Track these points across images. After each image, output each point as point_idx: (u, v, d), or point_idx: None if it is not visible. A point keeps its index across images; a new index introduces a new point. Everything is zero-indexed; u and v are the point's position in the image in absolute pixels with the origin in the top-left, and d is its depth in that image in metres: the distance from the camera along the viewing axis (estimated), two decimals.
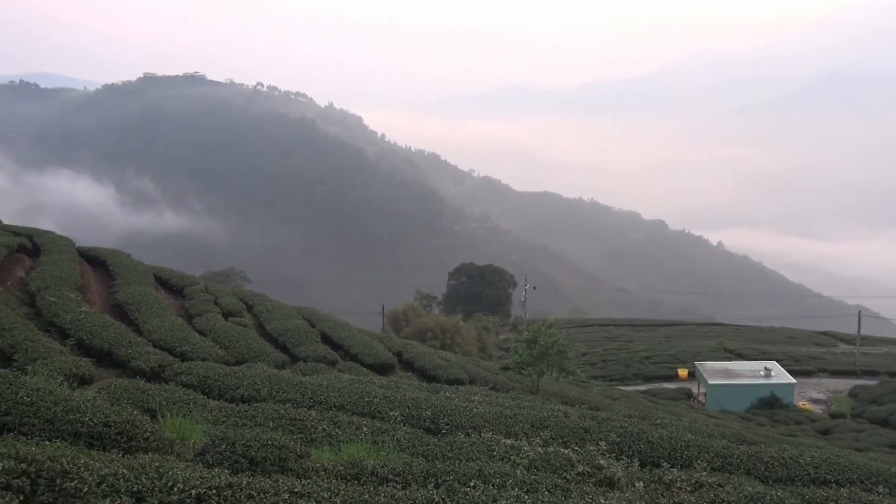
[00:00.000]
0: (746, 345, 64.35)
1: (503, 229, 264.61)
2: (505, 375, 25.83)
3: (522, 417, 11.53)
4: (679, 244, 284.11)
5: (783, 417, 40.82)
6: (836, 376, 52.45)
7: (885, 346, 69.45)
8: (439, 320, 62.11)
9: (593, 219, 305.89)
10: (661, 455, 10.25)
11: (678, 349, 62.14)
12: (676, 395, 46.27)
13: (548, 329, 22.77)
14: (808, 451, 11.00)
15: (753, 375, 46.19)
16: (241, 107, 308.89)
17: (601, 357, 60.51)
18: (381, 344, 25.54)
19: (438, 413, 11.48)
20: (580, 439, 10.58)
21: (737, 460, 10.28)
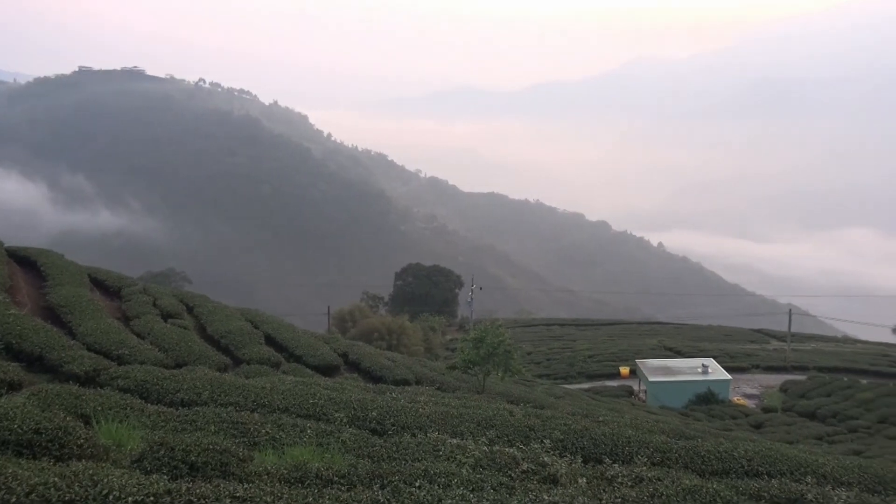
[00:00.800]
0: (685, 343, 66.29)
1: (450, 230, 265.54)
2: (451, 375, 25.92)
3: (468, 417, 11.60)
4: (622, 245, 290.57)
5: (719, 412, 42.20)
6: (768, 372, 54.54)
7: (813, 343, 72.62)
8: (386, 321, 61.91)
9: (539, 220, 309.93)
10: (603, 451, 10.47)
11: (620, 348, 63.53)
12: (618, 392, 47.30)
13: (494, 329, 22.96)
14: (741, 445, 11.41)
15: (691, 372, 47.61)
16: (183, 103, 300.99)
17: (546, 356, 61.34)
18: (327, 345, 25.29)
19: (384, 414, 11.44)
20: (525, 438, 10.70)
21: (675, 455, 10.58)
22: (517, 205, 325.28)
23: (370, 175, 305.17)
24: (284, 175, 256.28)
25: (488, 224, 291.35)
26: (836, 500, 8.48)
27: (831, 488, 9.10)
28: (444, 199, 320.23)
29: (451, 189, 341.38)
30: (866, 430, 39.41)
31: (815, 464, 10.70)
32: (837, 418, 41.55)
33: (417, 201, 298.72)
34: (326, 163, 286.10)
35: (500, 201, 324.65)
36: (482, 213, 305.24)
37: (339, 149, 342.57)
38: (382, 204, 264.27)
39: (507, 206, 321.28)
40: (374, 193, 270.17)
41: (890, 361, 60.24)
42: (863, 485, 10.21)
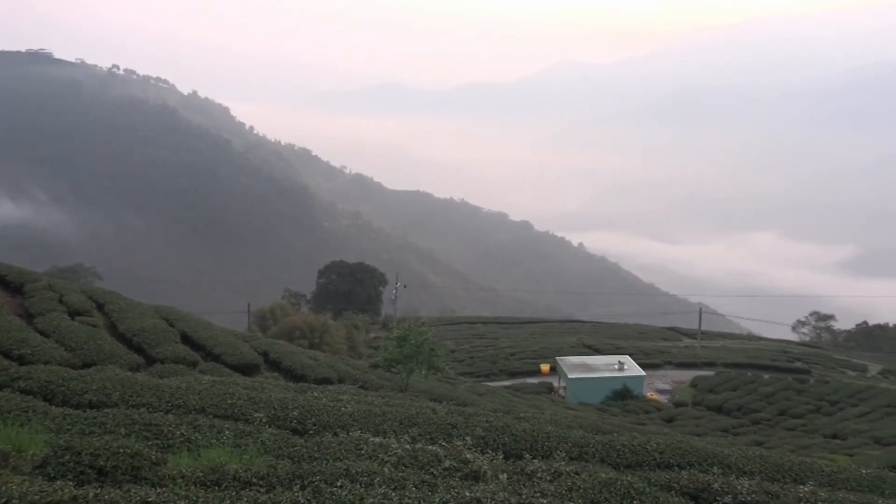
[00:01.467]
0: (603, 340, 68.37)
1: (375, 227, 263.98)
2: (375, 373, 25.81)
3: (391, 415, 11.57)
4: (544, 245, 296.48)
5: (634, 407, 43.79)
6: (679, 368, 56.95)
7: (721, 340, 76.34)
8: (308, 319, 60.96)
9: (463, 218, 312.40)
10: (523, 447, 10.66)
11: (541, 345, 64.88)
12: (539, 389, 48.32)
13: (418, 327, 23.01)
14: (654, 438, 11.86)
15: (608, 369, 49.19)
16: (94, 90, 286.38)
17: (469, 354, 61.94)
18: (247, 344, 24.69)
19: (306, 413, 11.26)
20: (448, 435, 10.77)
21: (592, 449, 10.90)
22: (442, 203, 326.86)
23: (294, 170, 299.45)
24: (203, 168, 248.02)
25: (413, 222, 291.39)
26: (740, 488, 8.95)
27: (735, 477, 9.60)
28: (369, 196, 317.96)
29: (377, 186, 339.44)
30: (767, 422, 41.82)
31: (721, 455, 11.25)
32: (742, 411, 43.88)
33: (342, 198, 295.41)
34: (248, 156, 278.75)
35: (425, 199, 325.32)
36: (407, 211, 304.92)
37: (262, 142, 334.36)
38: (306, 200, 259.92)
39: (432, 204, 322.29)
40: (298, 189, 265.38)
41: (789, 357, 64.10)
42: (764, 473, 10.81)
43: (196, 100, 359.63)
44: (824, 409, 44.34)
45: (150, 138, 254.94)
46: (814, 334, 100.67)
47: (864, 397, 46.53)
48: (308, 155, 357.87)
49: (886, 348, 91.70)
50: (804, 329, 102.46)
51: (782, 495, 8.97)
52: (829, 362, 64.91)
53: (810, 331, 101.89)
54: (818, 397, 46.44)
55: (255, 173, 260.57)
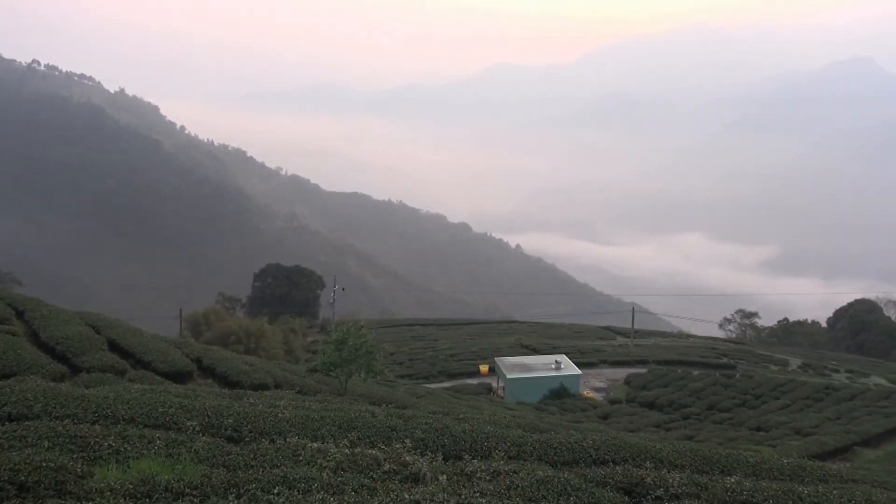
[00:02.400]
0: (540, 340, 69.43)
1: (312, 229, 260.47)
2: (312, 378, 25.45)
3: (329, 420, 11.43)
4: (482, 246, 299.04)
5: (571, 406, 44.61)
6: (614, 366, 58.35)
7: (653, 339, 78.64)
8: (243, 323, 59.54)
9: (402, 220, 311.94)
10: (463, 448, 10.72)
11: (480, 346, 65.36)
12: (478, 390, 48.63)
13: (357, 330, 22.82)
14: (590, 436, 12.12)
15: (546, 368, 49.93)
16: (12, 86, 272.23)
17: (408, 356, 61.84)
18: (179, 350, 23.96)
19: (241, 420, 11.00)
20: (387, 438, 10.72)
21: (530, 448, 11.05)
22: (380, 205, 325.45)
23: (227, 171, 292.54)
24: (131, 169, 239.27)
25: (351, 224, 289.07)
26: (671, 481, 9.25)
27: (667, 471, 9.91)
28: (305, 198, 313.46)
29: (314, 188, 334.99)
30: (697, 416, 43.33)
31: (654, 450, 11.59)
32: (673, 407, 45.31)
33: (278, 199, 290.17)
34: (179, 157, 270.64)
35: (363, 201, 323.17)
36: (345, 213, 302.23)
37: (194, 143, 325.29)
38: (240, 202, 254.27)
39: (370, 206, 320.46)
40: (232, 191, 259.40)
41: (717, 353, 66.61)
42: (693, 466, 11.20)
43: (124, 98, 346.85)
44: (749, 402, 46.26)
45: (74, 138, 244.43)
46: (739, 331, 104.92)
47: (785, 390, 48.81)
48: (242, 156, 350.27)
49: (805, 343, 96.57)
50: (730, 326, 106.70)
51: (711, 487, 9.32)
52: (754, 357, 67.77)
53: (736, 328, 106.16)
54: (743, 391, 48.43)
55: (186, 174, 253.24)
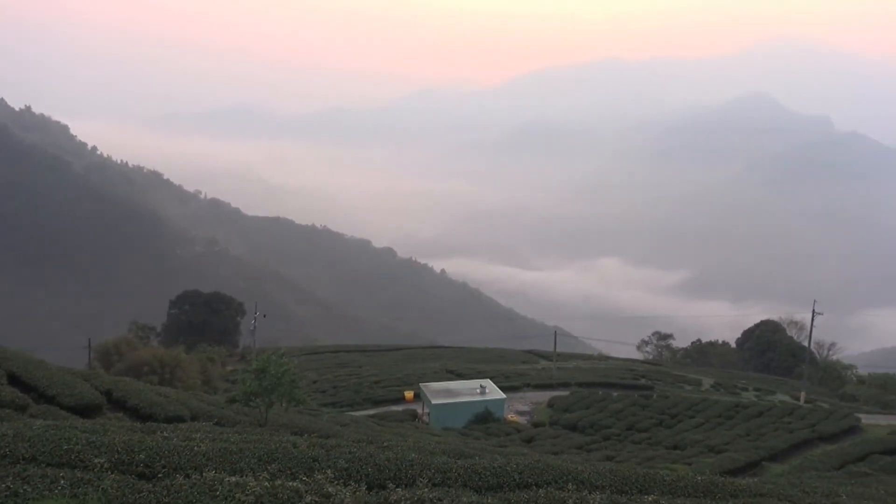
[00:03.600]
0: (465, 365, 69.69)
1: (232, 255, 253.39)
2: (231, 409, 24.61)
3: (249, 452, 11.07)
4: (407, 271, 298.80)
5: (495, 430, 44.81)
6: (537, 389, 59.16)
7: (575, 361, 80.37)
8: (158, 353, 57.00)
9: (326, 245, 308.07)
10: (387, 476, 10.60)
11: (405, 372, 64.98)
12: (403, 416, 48.20)
13: (278, 358, 22.27)
14: (514, 460, 12.24)
15: (471, 393, 50.07)
16: None
17: (332, 384, 60.76)
18: (87, 382, 22.71)
19: (154, 455, 10.50)
20: (309, 469, 10.48)
21: (455, 474, 11.03)
22: (303, 230, 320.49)
23: (142, 194, 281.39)
24: (38, 190, 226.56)
25: (273, 249, 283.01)
26: (592, 502, 9.43)
27: (588, 492, 10.11)
28: (226, 223, 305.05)
29: (234, 212, 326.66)
30: (617, 437, 44.37)
31: (575, 471, 11.81)
32: (594, 428, 46.24)
33: (196, 224, 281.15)
34: (90, 179, 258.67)
35: (285, 226, 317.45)
36: (267, 238, 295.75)
37: (107, 164, 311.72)
38: (156, 226, 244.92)
39: (293, 231, 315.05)
40: (147, 214, 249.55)
41: (635, 375, 68.67)
42: (613, 487, 11.47)
43: (30, 116, 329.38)
44: (666, 422, 47.78)
45: None
46: (656, 352, 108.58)
47: (699, 409, 50.72)
48: (159, 179, 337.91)
49: (717, 363, 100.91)
50: (647, 348, 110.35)
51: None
52: (669, 378, 70.25)
53: (653, 349, 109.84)
54: (660, 411, 50.00)
55: (98, 197, 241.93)
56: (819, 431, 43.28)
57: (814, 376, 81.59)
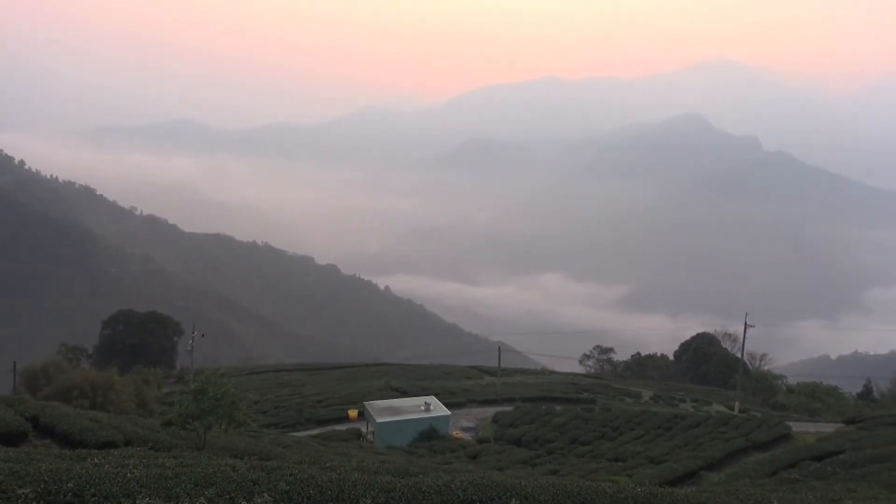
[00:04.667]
0: (410, 382, 69.31)
1: (169, 273, 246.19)
2: (168, 432, 23.79)
3: (185, 477, 10.72)
4: (351, 288, 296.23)
5: (441, 447, 44.63)
6: (482, 405, 59.26)
7: (519, 376, 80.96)
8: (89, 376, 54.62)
9: (267, 263, 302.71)
10: (329, 498, 10.41)
11: (349, 391, 64.16)
12: (347, 435, 47.53)
13: (217, 379, 21.68)
14: (458, 476, 12.21)
15: (415, 410, 49.78)
16: None
17: (274, 404, 59.44)
18: (11, 408, 21.63)
19: (84, 484, 10.05)
20: (248, 493, 10.21)
21: (399, 493, 10.93)
22: (244, 247, 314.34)
23: (74, 211, 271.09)
24: None
25: (212, 267, 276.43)
26: None
27: None
28: (162, 240, 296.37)
29: (172, 229, 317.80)
30: (561, 450, 44.79)
31: (519, 486, 11.86)
32: (538, 442, 46.58)
33: (132, 241, 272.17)
34: (17, 194, 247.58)
35: (225, 243, 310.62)
36: (206, 256, 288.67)
37: (35, 179, 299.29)
38: (88, 244, 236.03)
39: (233, 248, 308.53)
40: (78, 231, 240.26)
41: (577, 389, 69.60)
42: (556, 501, 11.57)
43: None
44: (608, 434, 48.53)
45: None
46: (597, 366, 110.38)
47: (639, 421, 51.72)
48: (91, 194, 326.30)
49: (656, 375, 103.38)
50: (589, 362, 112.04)
51: None
52: (611, 391, 71.50)
53: (594, 363, 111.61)
54: (603, 424, 50.78)
55: (25, 213, 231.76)
56: (752, 440, 44.71)
57: (747, 387, 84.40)
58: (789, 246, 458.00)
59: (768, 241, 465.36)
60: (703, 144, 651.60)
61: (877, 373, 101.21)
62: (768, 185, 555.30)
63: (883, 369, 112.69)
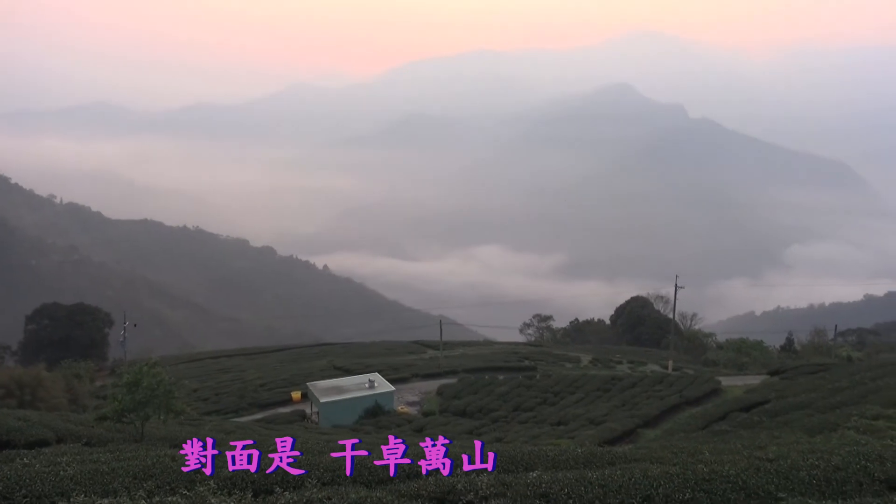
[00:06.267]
0: (353, 360, 69.20)
1: (95, 262, 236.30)
2: (102, 427, 23.07)
3: (123, 471, 10.46)
4: (288, 269, 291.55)
5: (386, 423, 44.91)
6: (426, 379, 59.83)
7: (461, 349, 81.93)
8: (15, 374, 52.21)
9: (200, 247, 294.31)
10: (273, 481, 10.36)
11: (292, 373, 63.59)
12: (292, 418, 47.24)
13: (150, 369, 21.09)
14: None
15: (359, 388, 49.83)
16: None
17: (214, 391, 58.35)
18: None
19: (13, 485, 9.69)
20: (190, 482, 10.05)
21: (344, 471, 10.97)
22: (174, 232, 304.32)
23: None
24: None
25: (142, 254, 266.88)
26: (480, 484, 9.71)
27: (476, 475, 10.37)
28: (87, 228, 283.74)
29: (96, 216, 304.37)
30: (505, 418, 45.75)
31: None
32: (483, 412, 47.43)
33: (53, 231, 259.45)
34: None
35: (154, 229, 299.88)
36: (134, 243, 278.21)
37: None
38: (5, 235, 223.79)
39: (162, 233, 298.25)
40: None
41: (519, 357, 71.05)
42: (500, 466, 11.84)
43: None
44: (550, 399, 49.81)
45: None
46: (538, 334, 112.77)
47: (579, 385, 53.28)
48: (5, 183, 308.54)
49: (594, 340, 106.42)
50: (529, 330, 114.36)
51: (515, 484, 9.92)
52: (551, 358, 73.27)
53: (535, 331, 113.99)
54: (544, 390, 52.07)
55: None
56: (685, 396, 46.73)
57: (679, 346, 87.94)
58: (716, 209, 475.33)
59: (696, 206, 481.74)
60: (633, 114, 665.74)
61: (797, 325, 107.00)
62: (694, 152, 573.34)
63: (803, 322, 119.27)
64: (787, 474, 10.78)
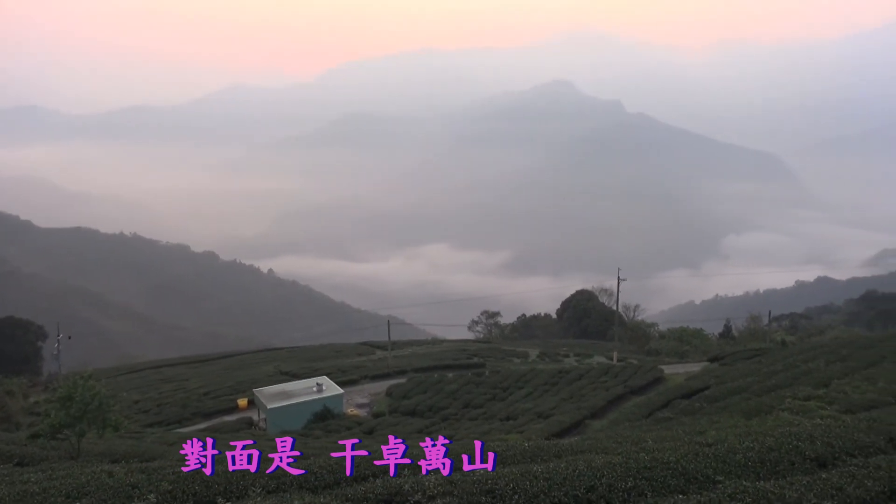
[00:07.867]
0: (301, 364, 68.22)
1: (26, 273, 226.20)
2: (37, 444, 22.13)
3: (55, 490, 10.04)
4: (232, 274, 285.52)
5: (335, 426, 44.41)
6: (375, 380, 59.45)
7: (410, 348, 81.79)
8: None
9: (138, 254, 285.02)
10: (216, 492, 10.12)
11: (237, 380, 62.25)
12: (238, 426, 46.25)
13: (85, 382, 20.31)
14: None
15: (308, 392, 49.15)
16: None
17: (156, 402, 56.62)
18: None
19: None
20: (128, 497, 9.73)
21: (290, 477, 10.79)
22: (110, 239, 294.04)
23: None
24: None
25: (76, 263, 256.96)
26: (428, 484, 9.69)
27: (422, 476, 10.35)
28: (15, 238, 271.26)
29: (25, 225, 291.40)
30: (455, 416, 45.89)
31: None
32: (433, 411, 47.45)
33: None
34: None
35: (89, 237, 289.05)
36: (68, 252, 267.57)
37: None
38: None
39: (98, 241, 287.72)
40: None
41: (468, 354, 71.33)
42: None
43: None
44: (499, 395, 50.20)
45: None
46: (486, 331, 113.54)
47: (527, 379, 53.88)
48: None
49: (541, 334, 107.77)
50: (478, 327, 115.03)
51: (461, 482, 9.94)
52: (500, 354, 73.83)
53: (483, 328, 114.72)
54: (493, 386, 52.46)
55: None
56: (630, 386, 47.82)
57: (624, 336, 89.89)
58: (655, 202, 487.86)
59: (636, 199, 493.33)
60: (572, 110, 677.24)
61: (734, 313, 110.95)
62: (632, 146, 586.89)
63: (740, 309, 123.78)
64: (725, 458, 11.14)
